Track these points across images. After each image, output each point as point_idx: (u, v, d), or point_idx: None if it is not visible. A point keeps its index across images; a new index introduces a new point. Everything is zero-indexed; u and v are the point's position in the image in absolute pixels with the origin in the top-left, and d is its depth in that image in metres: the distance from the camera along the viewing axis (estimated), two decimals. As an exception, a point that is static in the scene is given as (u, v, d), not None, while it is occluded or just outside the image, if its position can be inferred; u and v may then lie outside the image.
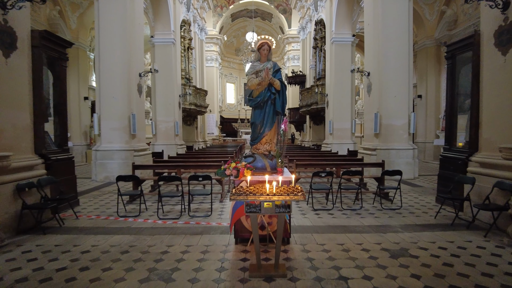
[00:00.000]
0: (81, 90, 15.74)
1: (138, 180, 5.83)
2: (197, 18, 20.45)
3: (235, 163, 4.11)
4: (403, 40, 9.81)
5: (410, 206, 6.33)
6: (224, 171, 4.12)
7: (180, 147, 15.25)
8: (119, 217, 5.59)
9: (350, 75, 15.12)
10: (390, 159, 9.86)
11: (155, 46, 14.91)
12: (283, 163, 4.28)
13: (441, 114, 15.42)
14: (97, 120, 9.76)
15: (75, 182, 6.43)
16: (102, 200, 6.98)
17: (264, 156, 4.34)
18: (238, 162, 4.13)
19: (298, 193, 3.18)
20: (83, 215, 5.72)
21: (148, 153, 10.77)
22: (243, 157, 4.46)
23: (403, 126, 9.98)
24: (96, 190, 8.25)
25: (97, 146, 9.86)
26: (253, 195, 3.16)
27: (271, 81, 4.22)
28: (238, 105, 38.26)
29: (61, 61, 6.06)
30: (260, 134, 4.36)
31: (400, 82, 9.87)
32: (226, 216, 5.62)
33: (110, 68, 9.58)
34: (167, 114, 14.78)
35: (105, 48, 9.56)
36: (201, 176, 5.60)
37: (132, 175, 5.73)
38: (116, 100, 9.60)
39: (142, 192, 5.86)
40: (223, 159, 8.62)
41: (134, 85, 10.09)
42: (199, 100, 18.13)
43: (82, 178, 10.31)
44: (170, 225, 5.10)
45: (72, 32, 15.03)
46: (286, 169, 4.50)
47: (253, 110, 4.44)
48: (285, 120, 4.22)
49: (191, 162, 8.21)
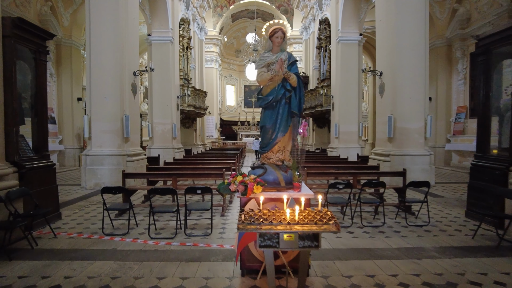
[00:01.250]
0: (75, 90, 14.96)
1: (127, 191, 5.03)
2: (196, 17, 19.73)
3: (241, 175, 3.33)
4: (419, 36, 9.08)
5: (438, 222, 5.55)
6: (227, 186, 3.34)
7: (177, 151, 14.46)
8: (104, 236, 4.79)
9: (357, 75, 14.40)
10: (405, 166, 9.04)
11: (152, 45, 14.15)
12: (301, 177, 3.49)
13: (452, 117, 14.69)
14: (87, 122, 8.98)
15: (56, 193, 5.63)
16: (88, 213, 6.18)
17: (277, 168, 3.56)
18: (245, 175, 3.35)
19: (329, 221, 2.39)
20: (62, 233, 4.91)
21: (142, 158, 9.98)
22: (251, 167, 3.68)
23: (419, 130, 9.23)
24: (83, 199, 7.45)
25: (87, 151, 9.07)
26: (269, 223, 2.37)
27: (286, 76, 3.45)
28: (238, 107, 37.56)
29: (40, 54, 5.27)
30: (271, 140, 3.58)
31: (416, 82, 9.13)
32: (228, 235, 4.83)
33: (101, 65, 8.80)
34: (164, 116, 13.99)
35: (96, 43, 8.79)
36: (200, 188, 4.81)
37: (120, 186, 4.93)
38: (107, 100, 8.82)
39: (132, 206, 5.06)
40: (224, 166, 7.84)
41: (127, 84, 9.31)
42: (198, 101, 17.36)
43: (72, 185, 9.53)
44: (162, 247, 4.31)
45: (64, 30, 14.27)
46: (304, 185, 3.72)
47: (263, 111, 3.67)
48: (304, 124, 3.44)
49: (188, 169, 7.42)
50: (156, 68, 13.37)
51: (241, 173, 3.37)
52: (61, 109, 14.54)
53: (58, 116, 14.44)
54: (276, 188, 3.40)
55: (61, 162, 14.38)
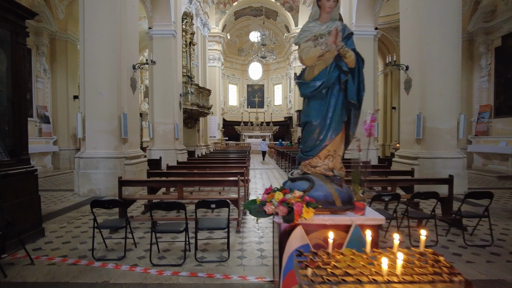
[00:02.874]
0: (70, 88, 13.98)
1: (123, 204, 4.06)
2: (199, 12, 18.79)
3: (281, 192, 2.36)
4: (451, 24, 8.12)
5: (501, 241, 4.58)
6: (261, 206, 2.38)
7: (180, 153, 13.48)
8: (95, 261, 3.82)
9: (373, 72, 13.46)
10: (435, 170, 8.15)
11: (153, 39, 13.17)
12: (365, 194, 2.52)
13: (473, 117, 13.71)
14: (80, 120, 8.02)
15: (37, 205, 4.65)
16: (77, 227, 5.20)
17: (327, 180, 2.60)
18: (286, 190, 2.39)
19: (452, 277, 1.43)
20: (42, 257, 3.94)
21: (142, 160, 9.01)
22: (290, 178, 2.73)
23: (451, 130, 8.26)
24: (74, 209, 6.47)
25: (80, 153, 8.10)
26: (355, 281, 1.41)
27: (342, 52, 2.50)
28: (240, 108, 36.61)
29: (17, 36, 4.32)
30: (319, 142, 2.62)
31: (447, 76, 8.16)
32: (250, 260, 3.86)
33: (96, 57, 7.85)
34: (165, 115, 13.01)
35: (91, 33, 7.84)
36: (214, 201, 3.84)
37: (114, 199, 3.96)
38: (103, 96, 7.86)
39: (129, 222, 4.08)
40: (236, 170, 6.88)
41: (126, 79, 8.35)
42: (201, 100, 16.41)
43: (64, 191, 8.57)
44: (168, 279, 3.34)
45: (59, 23, 13.30)
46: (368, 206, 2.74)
47: (306, 102, 2.71)
48: (373, 118, 2.46)
49: (195, 175, 6.43)
50: (158, 64, 12.41)
51: (281, 187, 2.40)
52: (55, 107, 13.56)
53: (53, 115, 13.47)
54: (329, 210, 2.44)
55: (55, 164, 13.42)
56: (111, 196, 7.63)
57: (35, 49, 12.30)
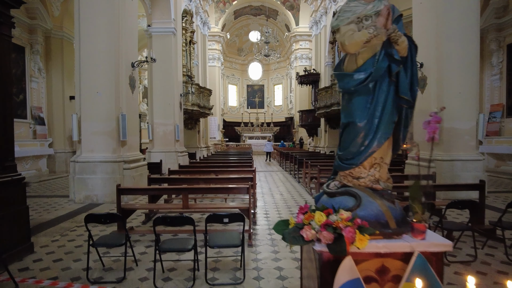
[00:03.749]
0: (66, 88, 13.43)
1: (122, 219, 3.54)
2: (199, 10, 18.29)
3: (321, 213, 1.86)
4: (470, 19, 7.67)
5: (546, 255, 4.10)
6: (297, 230, 1.88)
7: (181, 155, 12.97)
8: (90, 284, 3.32)
9: (380, 71, 12.98)
10: (453, 173, 7.68)
11: (153, 37, 12.67)
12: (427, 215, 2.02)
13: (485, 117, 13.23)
14: (76, 122, 7.51)
15: (25, 218, 4.13)
16: (71, 241, 4.69)
17: (375, 194, 2.11)
18: (329, 210, 1.89)
19: None
20: (29, 279, 3.43)
21: (142, 164, 8.49)
22: (327, 193, 2.23)
23: (470, 131, 7.80)
24: (69, 218, 5.95)
25: (76, 156, 7.58)
26: None
27: (393, 37, 2.03)
28: (240, 108, 36.13)
29: (1, 26, 3.80)
30: (365, 148, 2.13)
31: (466, 74, 7.70)
32: (268, 282, 3.36)
33: (93, 54, 7.35)
34: (166, 115, 12.50)
35: (87, 28, 7.34)
36: (227, 215, 3.34)
37: (111, 214, 3.45)
38: (100, 96, 7.35)
39: (129, 238, 3.58)
40: (243, 175, 6.39)
41: (124, 77, 7.83)
42: (202, 100, 15.90)
43: (59, 197, 8.05)
44: (176, 309, 2.84)
45: (54, 20, 12.76)
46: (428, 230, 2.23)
47: (347, 98, 2.23)
48: (437, 119, 1.96)
49: (200, 181, 5.92)
50: (158, 63, 11.91)
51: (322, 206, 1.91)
52: (51, 108, 13.03)
53: (48, 117, 12.94)
54: (381, 233, 1.94)
55: (50, 168, 12.88)
56: (109, 203, 7.13)
57: (29, 47, 11.77)
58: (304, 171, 9.53)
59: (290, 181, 10.66)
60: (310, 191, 8.30)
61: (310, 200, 7.40)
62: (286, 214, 6.13)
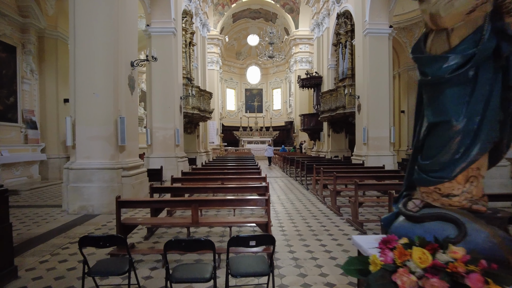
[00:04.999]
0: (61, 90, 12.76)
1: (123, 241, 2.93)
2: (199, 11, 17.80)
3: (423, 249, 1.30)
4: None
5: None
6: (385, 275, 1.31)
7: (181, 160, 12.36)
8: (85, 321, 2.71)
9: (388, 72, 12.56)
10: (477, 180, 7.17)
11: (152, 37, 12.15)
12: None
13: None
14: (70, 125, 6.89)
15: (8, 237, 3.50)
16: (63, 262, 4.05)
17: (478, 218, 1.55)
18: (433, 245, 1.33)
19: None
20: (10, 316, 2.81)
21: (142, 171, 7.88)
22: (409, 217, 1.68)
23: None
24: (61, 233, 5.31)
25: (70, 163, 6.96)
26: None
27: (507, 5, 1.47)
28: (238, 112, 35.60)
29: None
30: (461, 156, 1.59)
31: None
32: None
33: (90, 52, 6.77)
34: (165, 119, 11.92)
35: (83, 24, 6.77)
36: (253, 237, 2.75)
37: (110, 235, 2.84)
38: (97, 97, 6.75)
39: (133, 264, 2.97)
40: (254, 183, 5.82)
41: (123, 77, 7.25)
42: (203, 103, 15.33)
43: (52, 207, 7.41)
44: None
45: (48, 19, 12.15)
46: None
47: (433, 89, 1.68)
48: None
49: (209, 190, 5.31)
50: (157, 64, 11.35)
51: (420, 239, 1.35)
52: (44, 112, 12.35)
53: (41, 120, 12.26)
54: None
55: (43, 174, 12.17)
56: (107, 214, 6.50)
57: (21, 47, 11.13)
58: (314, 178, 8.97)
59: (298, 188, 10.09)
60: (323, 199, 7.73)
61: (325, 210, 6.84)
62: (302, 226, 5.56)
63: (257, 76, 37.10)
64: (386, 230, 1.83)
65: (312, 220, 5.98)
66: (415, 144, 1.82)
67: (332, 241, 4.74)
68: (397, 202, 1.89)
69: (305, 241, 4.70)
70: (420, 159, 1.75)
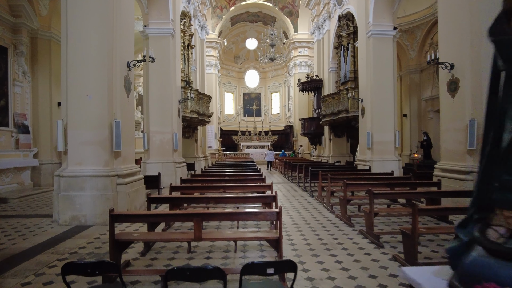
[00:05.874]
0: (54, 93, 12.30)
1: (115, 268, 2.48)
2: (197, 13, 17.46)
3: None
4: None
5: None
6: None
7: (179, 166, 11.91)
8: None
9: (392, 75, 12.24)
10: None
11: (149, 38, 11.76)
12: None
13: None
14: (61, 129, 6.45)
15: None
16: (48, 284, 3.59)
17: None
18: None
19: None
20: None
21: (138, 178, 7.41)
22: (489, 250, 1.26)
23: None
24: (49, 248, 4.84)
25: (61, 170, 6.50)
26: None
27: None
28: (237, 116, 35.18)
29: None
30: None
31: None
32: None
33: (82, 52, 6.34)
34: (163, 123, 11.49)
35: (76, 22, 6.34)
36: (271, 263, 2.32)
37: (100, 262, 2.40)
38: (90, 99, 6.31)
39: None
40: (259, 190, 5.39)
41: (118, 78, 6.82)
42: (202, 107, 14.91)
43: (42, 217, 6.96)
44: None
45: (42, 20, 11.73)
46: None
47: None
48: None
49: (212, 200, 4.88)
50: (155, 66, 10.99)
51: None
52: (36, 116, 11.87)
53: (33, 125, 11.77)
54: None
55: (35, 181, 11.65)
56: (100, 225, 6.03)
57: (12, 48, 10.69)
58: (320, 185, 8.55)
59: (302, 195, 9.65)
60: (331, 208, 7.30)
61: (334, 220, 6.41)
62: (313, 239, 5.12)
63: (255, 80, 36.80)
64: (454, 264, 1.41)
65: (323, 232, 5.54)
66: (490, 153, 1.42)
67: (347, 256, 4.31)
68: (465, 227, 1.48)
69: (318, 257, 4.26)
70: (505, 175, 1.35)
